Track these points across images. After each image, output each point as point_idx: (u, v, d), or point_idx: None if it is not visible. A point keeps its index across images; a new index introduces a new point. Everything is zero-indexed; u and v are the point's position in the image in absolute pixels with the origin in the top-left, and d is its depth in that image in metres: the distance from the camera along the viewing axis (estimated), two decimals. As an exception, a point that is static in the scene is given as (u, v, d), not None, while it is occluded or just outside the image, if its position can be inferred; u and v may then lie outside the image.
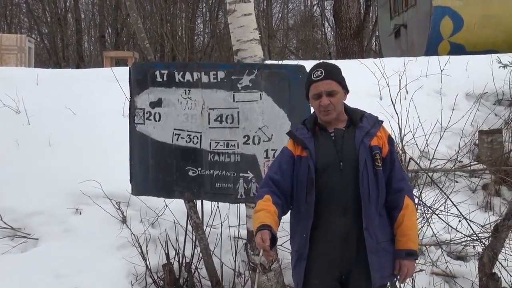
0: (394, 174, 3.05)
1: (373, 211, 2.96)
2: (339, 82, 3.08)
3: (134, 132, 4.63)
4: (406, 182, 3.11)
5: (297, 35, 36.08)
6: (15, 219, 5.52)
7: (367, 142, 3.00)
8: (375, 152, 3.00)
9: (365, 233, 2.93)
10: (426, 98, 8.18)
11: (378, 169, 2.99)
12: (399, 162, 3.13)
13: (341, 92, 3.07)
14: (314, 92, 3.06)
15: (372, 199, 2.95)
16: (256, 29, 4.50)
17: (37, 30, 32.67)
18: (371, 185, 2.96)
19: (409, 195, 3.08)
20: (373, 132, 3.05)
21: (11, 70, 10.04)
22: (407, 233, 3.02)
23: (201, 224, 4.79)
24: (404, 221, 3.02)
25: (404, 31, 16.79)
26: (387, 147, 3.07)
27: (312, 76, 3.09)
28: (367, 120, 3.10)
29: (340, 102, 3.07)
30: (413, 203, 3.10)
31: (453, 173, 6.36)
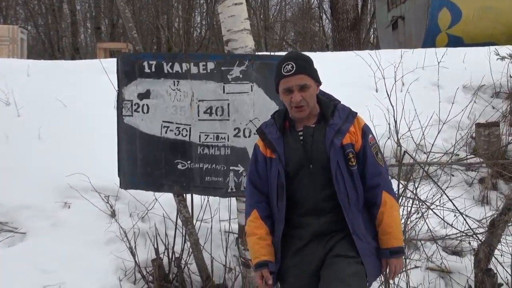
0: (368, 170, 2.91)
1: (355, 213, 2.86)
2: (311, 75, 2.90)
3: (122, 124, 4.51)
4: (382, 176, 2.94)
5: (295, 27, 35.93)
6: (2, 213, 5.40)
7: (337, 141, 2.85)
8: (347, 151, 2.86)
9: (355, 237, 2.83)
10: (422, 90, 8.08)
11: (353, 169, 2.87)
12: (374, 155, 2.93)
13: (313, 86, 2.90)
14: (284, 87, 2.89)
15: (352, 201, 2.85)
16: (247, 19, 4.39)
17: (33, 22, 32.45)
18: (348, 188, 2.84)
19: (387, 190, 2.92)
20: (345, 128, 2.89)
21: (1, 61, 9.89)
22: (388, 231, 2.89)
23: (191, 219, 4.70)
24: (384, 218, 2.89)
25: (402, 23, 16.66)
26: (360, 141, 2.92)
27: (282, 70, 2.90)
28: (338, 114, 2.93)
29: (312, 97, 2.91)
30: (392, 197, 2.94)
31: (449, 166, 6.27)
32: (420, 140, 5.73)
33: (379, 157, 2.96)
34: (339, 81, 8.09)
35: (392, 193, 2.96)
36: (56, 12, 31.43)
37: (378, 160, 2.94)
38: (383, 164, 2.98)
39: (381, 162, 2.96)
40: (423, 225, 4.96)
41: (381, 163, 2.95)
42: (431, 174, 5.78)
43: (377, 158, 2.94)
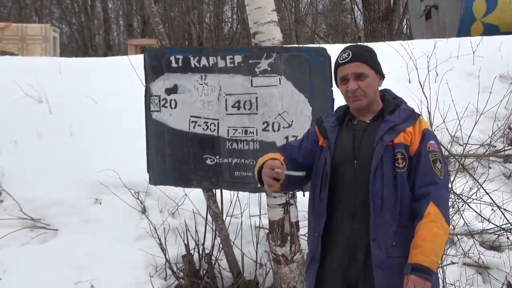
0: (420, 177, 2.57)
1: (387, 220, 2.55)
2: (370, 64, 2.69)
3: (150, 120, 4.49)
4: (436, 187, 2.54)
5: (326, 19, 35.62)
6: (34, 210, 5.45)
7: (387, 138, 2.59)
8: (397, 150, 2.58)
9: (372, 244, 2.53)
10: (457, 80, 7.86)
11: (398, 171, 2.56)
12: (430, 163, 2.58)
13: (372, 76, 2.68)
14: (340, 75, 2.72)
15: (387, 205, 2.54)
16: (274, 10, 4.29)
17: (66, 21, 32.93)
18: (386, 190, 2.54)
19: (435, 201, 2.51)
20: (401, 127, 2.62)
21: (34, 60, 10.01)
22: (418, 245, 2.46)
23: (221, 214, 4.65)
24: (419, 230, 2.49)
25: (435, 13, 16.31)
26: (417, 145, 2.60)
27: (339, 59, 2.75)
28: (399, 113, 2.67)
29: (370, 87, 2.68)
30: (439, 211, 2.50)
31: (486, 158, 6.08)
32: (455, 132, 5.57)
33: (438, 167, 2.59)
34: (371, 73, 7.96)
35: (443, 208, 2.54)
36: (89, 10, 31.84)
37: (434, 169, 2.58)
38: (442, 175, 2.60)
39: (439, 172, 2.58)
40: (459, 219, 4.81)
41: (439, 174, 2.58)
42: (467, 167, 5.62)
43: (434, 166, 2.58)
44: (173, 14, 30.56)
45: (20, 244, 5.14)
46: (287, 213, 4.26)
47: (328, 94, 3.96)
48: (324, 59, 4.01)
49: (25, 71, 8.44)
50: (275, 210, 4.30)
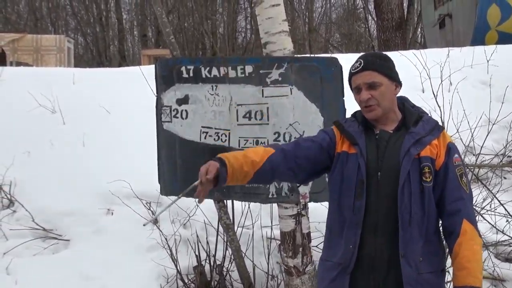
0: (449, 193, 2.50)
1: (415, 236, 2.47)
2: (383, 72, 2.59)
3: (161, 131, 4.48)
4: (464, 202, 2.50)
5: (340, 29, 35.63)
6: (46, 220, 5.49)
7: (414, 151, 2.50)
8: (424, 164, 2.49)
9: (402, 260, 2.45)
10: (471, 89, 7.78)
11: (425, 185, 2.48)
12: (458, 177, 2.52)
13: (386, 84, 2.57)
14: (354, 85, 2.64)
15: (415, 221, 2.47)
16: (285, 20, 4.27)
17: (81, 31, 33.26)
18: (414, 205, 2.46)
19: (468, 218, 2.48)
20: (426, 140, 2.53)
21: (48, 70, 10.11)
22: (465, 266, 2.41)
23: (232, 225, 4.63)
24: (461, 251, 2.43)
25: (449, 21, 16.24)
26: (443, 159, 2.52)
27: (351, 69, 2.65)
28: (423, 125, 2.58)
29: (385, 96, 2.56)
30: (474, 228, 2.48)
31: (501, 169, 6.00)
32: (469, 142, 5.50)
33: (464, 181, 2.53)
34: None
35: (475, 224, 2.51)
36: (104, 21, 32.14)
37: (461, 184, 2.52)
38: (468, 190, 2.55)
39: (465, 187, 2.53)
40: (473, 230, 4.74)
41: (465, 188, 2.53)
42: (481, 177, 5.54)
43: (461, 181, 2.53)
44: (187, 25, 30.76)
45: (32, 255, 5.17)
46: (299, 224, 4.22)
47: (340, 104, 3.93)
48: (336, 69, 3.98)
49: (39, 81, 8.53)
50: (287, 221, 4.26)
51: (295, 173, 2.66)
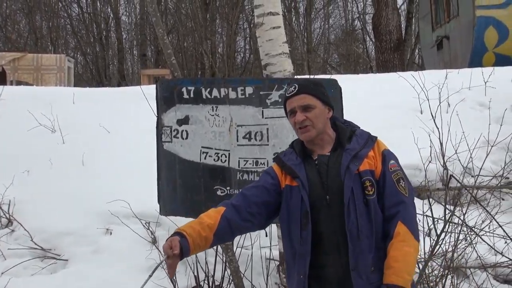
0: (387, 199, 2.59)
1: (365, 248, 2.54)
2: (316, 96, 2.70)
3: (162, 151, 4.50)
4: (404, 205, 2.59)
5: (338, 49, 35.84)
6: (45, 240, 5.47)
7: (353, 167, 2.59)
8: (364, 178, 2.58)
9: (353, 273, 2.51)
10: (469, 111, 7.83)
11: (369, 199, 2.57)
12: (394, 183, 2.61)
13: (319, 107, 2.68)
14: (288, 108, 2.74)
15: (363, 234, 2.54)
16: (285, 42, 4.34)
17: (81, 50, 33.42)
18: (360, 219, 2.54)
19: (403, 220, 2.56)
20: (363, 153, 2.63)
21: (48, 90, 10.15)
22: (392, 265, 2.49)
23: (231, 245, 4.63)
24: (391, 251, 2.52)
25: (447, 43, 16.38)
26: (380, 167, 2.63)
27: (286, 93, 2.78)
28: (356, 140, 2.68)
29: (318, 118, 2.67)
30: (409, 231, 2.55)
31: (499, 190, 6.01)
32: (467, 163, 5.52)
33: (402, 185, 2.62)
34: (382, 103, 7.98)
35: (411, 226, 2.57)
36: (104, 40, 32.31)
37: (399, 188, 2.61)
38: (407, 193, 2.63)
39: (404, 190, 2.62)
40: (472, 252, 4.74)
41: (403, 192, 2.61)
42: (480, 199, 5.55)
43: (398, 186, 2.61)
44: (186, 44, 30.91)
45: (30, 274, 5.15)
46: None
47: (339, 125, 3.96)
48: (335, 90, 4.03)
49: (39, 101, 8.57)
50: (286, 242, 4.26)
51: (252, 222, 2.72)
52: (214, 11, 28.72)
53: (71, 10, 33.45)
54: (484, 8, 14.02)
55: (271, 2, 4.38)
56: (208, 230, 2.60)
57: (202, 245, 2.62)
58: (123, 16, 34.75)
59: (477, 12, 14.04)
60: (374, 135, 2.76)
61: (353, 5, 35.58)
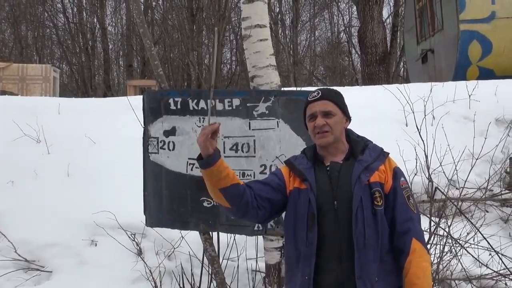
0: (398, 214, 2.66)
1: (370, 258, 2.60)
2: (337, 104, 2.79)
3: (148, 162, 4.49)
4: (413, 222, 2.68)
5: (324, 62, 36.06)
6: (29, 251, 5.42)
7: (364, 178, 2.66)
8: (374, 189, 2.65)
9: (358, 282, 2.56)
10: (453, 124, 7.91)
11: (377, 209, 2.63)
12: (405, 199, 2.70)
13: (339, 115, 2.78)
14: (309, 113, 2.81)
15: (370, 244, 2.60)
16: (272, 54, 4.36)
17: (67, 60, 33.29)
18: (367, 229, 2.60)
19: (416, 237, 2.65)
20: (374, 166, 2.71)
21: (33, 100, 10.09)
22: (415, 283, 2.57)
23: (217, 257, 4.60)
24: (411, 268, 2.59)
25: (432, 56, 16.53)
26: (391, 182, 2.70)
27: (308, 97, 2.85)
28: (369, 152, 2.76)
29: (337, 125, 2.76)
30: (422, 246, 2.66)
31: (483, 202, 6.07)
32: (452, 176, 5.57)
33: (411, 202, 2.72)
34: (368, 116, 8.02)
35: (423, 242, 2.70)
36: (90, 50, 32.22)
37: (410, 205, 2.70)
38: (415, 210, 2.73)
39: (413, 207, 2.71)
40: (457, 264, 4.78)
41: (413, 209, 2.71)
42: (465, 211, 5.60)
43: (408, 202, 2.71)
44: (173, 55, 30.93)
45: (14, 286, 5.09)
46: (284, 257, 4.23)
47: (325, 137, 3.98)
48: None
49: (25, 111, 8.51)
50: (272, 254, 4.27)
51: (256, 211, 2.78)
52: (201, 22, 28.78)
53: (57, 20, 33.33)
54: (468, 22, 14.19)
55: (259, 15, 4.39)
56: (232, 177, 2.76)
57: (223, 177, 2.74)
58: (110, 27, 34.74)
59: (461, 26, 14.20)
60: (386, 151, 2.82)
61: (339, 18, 35.90)
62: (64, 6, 33.19)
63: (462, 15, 14.20)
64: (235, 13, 28.64)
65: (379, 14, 16.92)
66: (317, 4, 34.60)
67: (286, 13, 34.02)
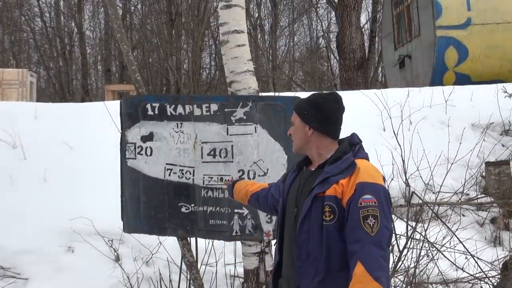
0: (348, 233, 2.49)
1: (311, 271, 2.55)
2: (297, 113, 2.82)
3: (125, 167, 4.46)
4: (363, 243, 2.44)
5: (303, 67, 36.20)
6: (4, 258, 5.34)
7: (318, 190, 2.57)
8: (326, 203, 2.53)
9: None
10: (430, 129, 8.02)
11: (325, 224, 2.52)
12: (359, 219, 2.47)
13: (297, 124, 2.79)
14: None
15: (312, 257, 2.54)
16: (250, 60, 4.36)
17: (44, 65, 32.96)
18: (311, 241, 2.54)
19: (362, 260, 2.42)
20: (334, 179, 2.57)
21: (10, 105, 9.97)
22: None
23: (195, 263, 4.59)
24: None
25: (409, 62, 16.71)
26: (347, 199, 2.52)
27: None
28: (337, 164, 2.62)
29: (296, 133, 2.81)
30: (366, 271, 2.40)
31: (460, 206, 6.14)
32: (428, 180, 5.63)
33: (368, 223, 2.46)
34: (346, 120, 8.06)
35: (369, 266, 2.42)
36: (67, 55, 31.94)
37: (364, 225, 2.46)
38: (373, 232, 2.46)
39: (369, 228, 2.46)
40: (433, 268, 4.82)
41: (368, 230, 2.45)
42: (441, 215, 5.67)
43: (363, 223, 2.46)
44: (151, 60, 30.79)
45: (-12, 294, 5.01)
46: (262, 262, 4.23)
47: (303, 142, 3.99)
48: (298, 107, 4.06)
49: (0, 116, 8.39)
50: (250, 259, 4.26)
51: (272, 210, 3.23)
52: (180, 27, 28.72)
53: (34, 24, 32.98)
54: (445, 28, 14.38)
55: (236, 20, 4.40)
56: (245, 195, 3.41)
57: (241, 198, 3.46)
58: (88, 31, 34.44)
59: (438, 32, 14.38)
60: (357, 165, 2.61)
61: (317, 23, 36.09)
62: (42, 10, 32.87)
63: (438, 21, 14.39)
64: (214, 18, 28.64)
65: (357, 20, 17.06)
66: (296, 9, 34.77)
67: (265, 18, 34.14)
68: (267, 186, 3.30)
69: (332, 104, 2.79)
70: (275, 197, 3.14)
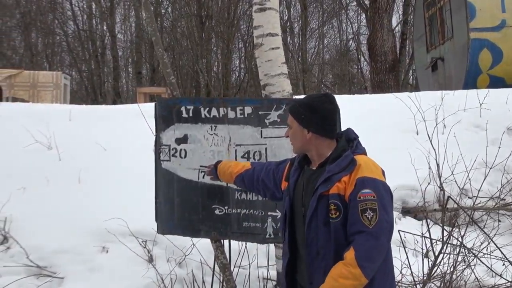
0: (349, 226, 2.61)
1: (322, 267, 2.66)
2: (295, 117, 2.91)
3: (160, 169, 4.50)
4: (360, 235, 2.57)
5: (333, 69, 36.07)
6: (41, 257, 5.41)
7: (322, 189, 2.69)
8: (331, 201, 2.65)
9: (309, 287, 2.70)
10: (465, 132, 7.89)
11: (331, 221, 2.65)
12: (358, 212, 2.58)
13: (295, 127, 2.91)
14: None
15: (322, 254, 2.67)
16: (284, 63, 4.37)
17: (76, 67, 33.50)
18: (321, 239, 2.67)
19: (354, 246, 2.56)
20: (336, 177, 2.68)
21: (44, 107, 10.15)
22: (325, 280, 2.60)
23: (229, 265, 4.60)
24: (331, 269, 2.61)
25: (441, 65, 16.51)
26: (349, 193, 2.64)
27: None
28: (338, 162, 2.73)
29: (294, 136, 2.93)
30: (354, 256, 2.53)
31: (496, 212, 6.03)
32: (464, 185, 5.54)
33: (367, 216, 2.57)
34: (378, 124, 8.02)
35: (359, 254, 2.54)
36: (99, 57, 32.41)
37: (362, 219, 2.58)
38: (371, 224, 2.57)
39: (367, 221, 2.57)
40: (470, 274, 4.74)
41: (366, 223, 2.57)
42: (477, 220, 5.57)
43: (361, 215, 2.58)
44: (182, 63, 31.04)
45: (25, 293, 5.09)
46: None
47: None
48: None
49: (36, 117, 8.57)
50: (284, 262, 4.25)
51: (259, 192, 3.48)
52: (210, 30, 28.90)
53: (67, 27, 33.59)
54: (478, 30, 14.18)
55: (271, 23, 4.41)
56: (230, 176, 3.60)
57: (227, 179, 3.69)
58: (119, 34, 34.92)
59: (471, 35, 14.19)
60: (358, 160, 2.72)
61: (347, 25, 35.93)
62: (74, 13, 33.48)
63: (472, 24, 14.19)
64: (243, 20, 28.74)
65: (388, 22, 16.94)
66: (326, 12, 34.68)
67: (295, 20, 34.12)
68: (250, 167, 3.47)
69: (327, 106, 2.87)
70: (266, 183, 3.30)
